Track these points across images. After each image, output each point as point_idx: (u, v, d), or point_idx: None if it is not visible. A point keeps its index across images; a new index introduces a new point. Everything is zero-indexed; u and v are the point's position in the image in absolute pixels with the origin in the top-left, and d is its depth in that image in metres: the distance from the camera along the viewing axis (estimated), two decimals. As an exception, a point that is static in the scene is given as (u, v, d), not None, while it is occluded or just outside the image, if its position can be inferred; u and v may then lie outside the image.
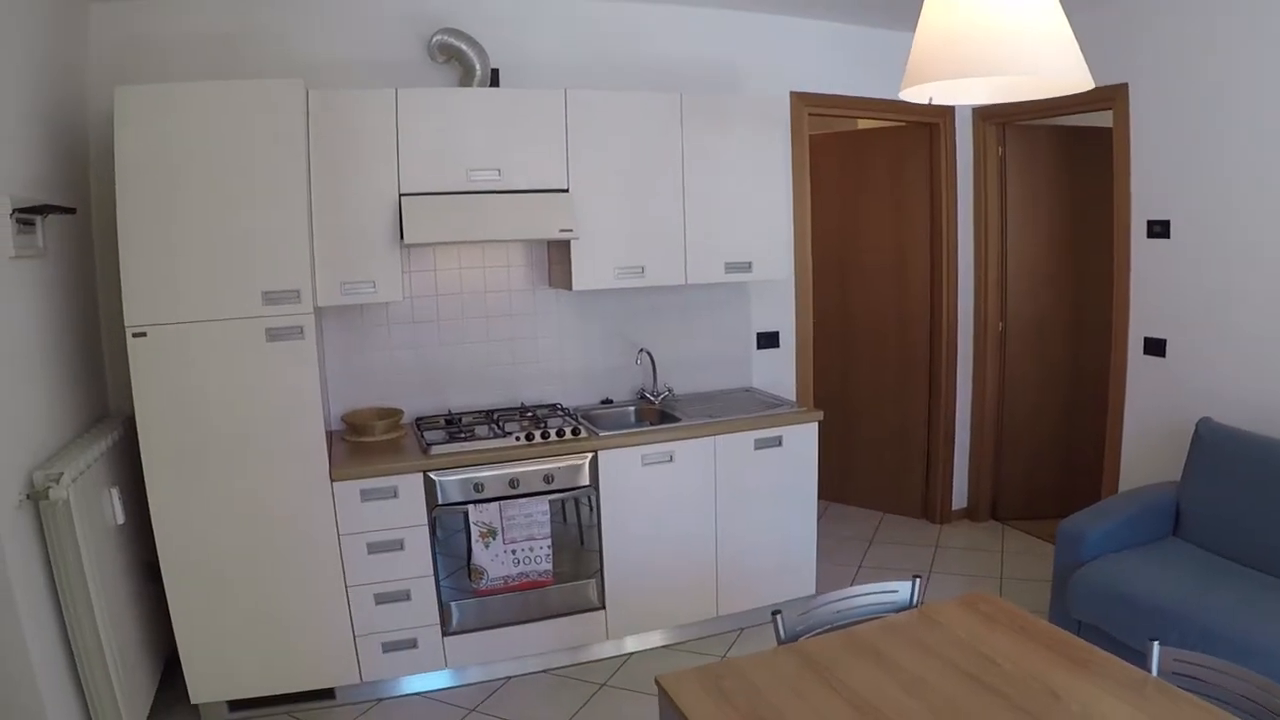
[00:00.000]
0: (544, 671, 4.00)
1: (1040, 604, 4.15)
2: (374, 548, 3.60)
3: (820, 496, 4.48)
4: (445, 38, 4.02)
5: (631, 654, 4.16)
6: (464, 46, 4.02)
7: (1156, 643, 2.30)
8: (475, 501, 3.71)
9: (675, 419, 4.26)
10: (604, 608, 4.02)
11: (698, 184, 4.25)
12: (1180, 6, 4.30)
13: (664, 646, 4.22)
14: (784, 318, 5.14)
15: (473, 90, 3.94)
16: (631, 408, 4.61)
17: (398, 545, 3.62)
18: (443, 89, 4.03)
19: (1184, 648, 3.01)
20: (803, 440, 4.35)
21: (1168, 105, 4.42)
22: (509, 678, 3.94)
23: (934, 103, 2.19)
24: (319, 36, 4.01)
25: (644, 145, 4.13)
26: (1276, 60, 3.90)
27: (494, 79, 4.14)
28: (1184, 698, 2.11)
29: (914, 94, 2.08)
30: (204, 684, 3.46)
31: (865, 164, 5.92)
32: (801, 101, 4.96)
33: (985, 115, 5.46)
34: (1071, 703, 2.09)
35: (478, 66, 4.04)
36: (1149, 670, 2.26)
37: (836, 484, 6.17)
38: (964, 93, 2.25)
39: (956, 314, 5.67)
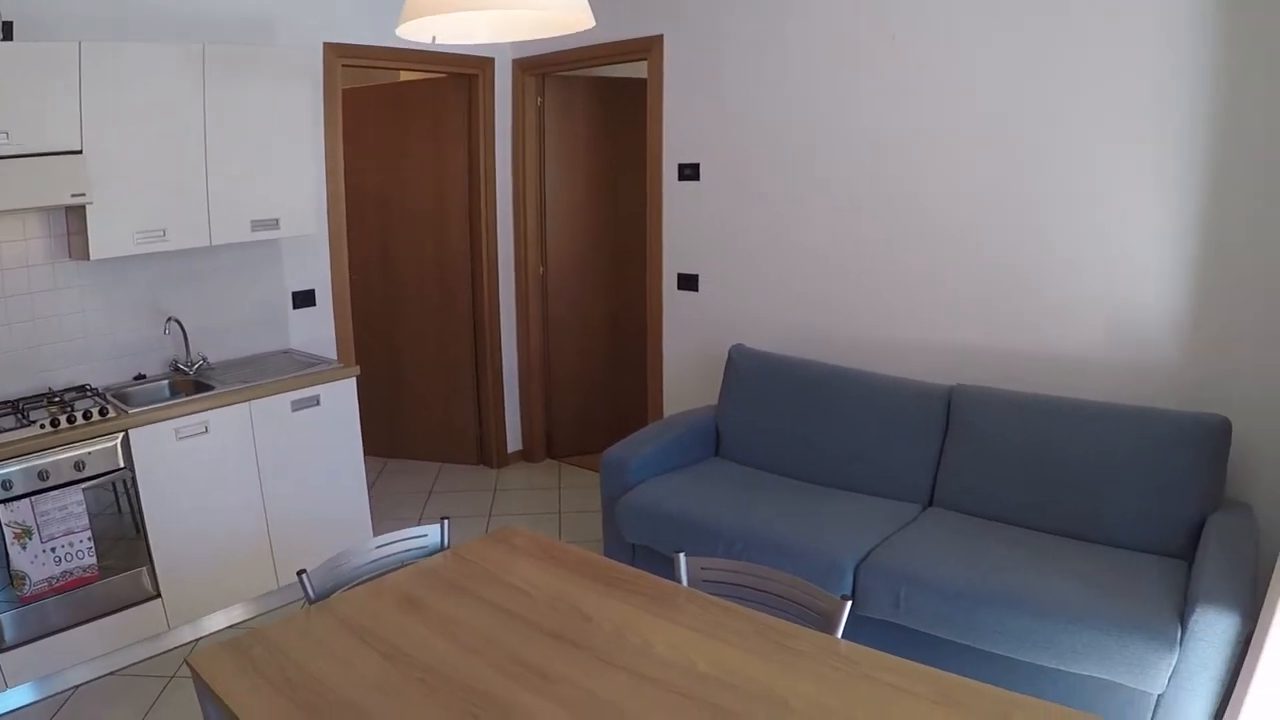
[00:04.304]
0: (112, 674, 4.05)
1: (598, 533, 4.73)
2: (-102, 565, 3.46)
3: (378, 454, 4.81)
4: (-54, -16, 3.79)
5: (200, 639, 4.33)
6: (-34, -6, 3.82)
7: (682, 554, 2.58)
8: (4, 500, 3.67)
9: (211, 388, 4.41)
10: (160, 596, 4.13)
11: (221, 140, 4.38)
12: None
13: (230, 626, 4.44)
14: (319, 275, 5.40)
15: (-28, 43, 3.77)
16: (165, 381, 4.67)
17: (-76, 560, 3.51)
18: (-66, 41, 3.80)
19: (731, 556, 3.64)
20: (342, 397, 4.71)
21: (699, 56, 5.17)
22: (77, 686, 3.95)
23: (438, 42, 2.45)
24: None
25: (165, 100, 4.19)
26: (792, 20, 4.70)
27: (7, 32, 3.95)
28: (715, 603, 2.39)
29: (413, 31, 2.28)
30: None
31: (406, 116, 6.27)
32: (335, 53, 5.20)
33: (525, 67, 6.02)
34: (604, 622, 2.34)
35: (-16, 18, 3.85)
36: (680, 581, 2.56)
37: (393, 440, 6.59)
38: (468, 31, 2.48)
39: (497, 260, 6.28)
